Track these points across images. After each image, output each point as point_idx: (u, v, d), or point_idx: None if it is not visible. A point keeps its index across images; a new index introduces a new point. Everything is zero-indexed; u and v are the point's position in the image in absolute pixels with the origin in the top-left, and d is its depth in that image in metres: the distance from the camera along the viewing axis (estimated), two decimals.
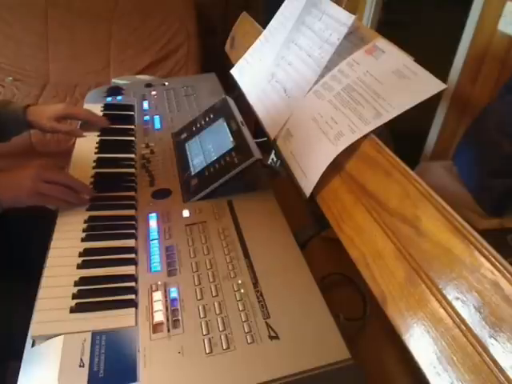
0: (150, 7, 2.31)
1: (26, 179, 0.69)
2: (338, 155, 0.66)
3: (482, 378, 0.40)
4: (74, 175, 0.78)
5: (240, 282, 0.59)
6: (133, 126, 1.00)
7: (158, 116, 1.03)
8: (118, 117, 1.01)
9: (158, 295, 0.57)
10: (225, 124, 0.85)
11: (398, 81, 0.65)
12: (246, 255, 0.63)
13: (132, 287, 0.59)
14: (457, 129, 1.54)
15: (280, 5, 1.03)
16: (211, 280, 0.59)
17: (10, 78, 2.19)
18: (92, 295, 0.58)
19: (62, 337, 0.52)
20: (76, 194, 0.73)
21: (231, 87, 1.13)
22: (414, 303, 0.48)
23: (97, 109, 1.03)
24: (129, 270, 0.62)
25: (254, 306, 0.55)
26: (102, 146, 0.91)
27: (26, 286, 0.62)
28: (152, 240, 0.66)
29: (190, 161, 0.84)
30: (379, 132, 0.63)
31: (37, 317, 0.55)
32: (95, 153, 0.88)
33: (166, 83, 1.20)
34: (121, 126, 0.99)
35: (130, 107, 1.07)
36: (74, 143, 0.93)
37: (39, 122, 0.91)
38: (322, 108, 0.74)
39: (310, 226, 0.73)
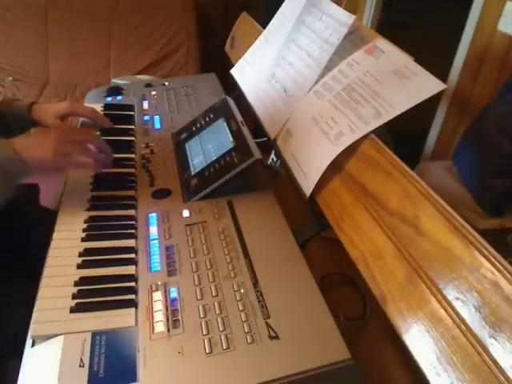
0: (150, 7, 2.31)
1: (50, 140, 0.68)
2: (338, 155, 0.66)
3: (482, 378, 0.40)
4: (73, 175, 0.78)
5: (240, 282, 0.59)
6: (133, 126, 1.00)
7: (157, 116, 1.03)
8: (118, 117, 1.01)
9: (157, 295, 0.57)
10: (225, 124, 0.85)
11: (398, 81, 0.65)
12: (246, 255, 0.63)
13: (132, 287, 0.59)
14: (457, 129, 1.54)
15: (280, 5, 1.03)
16: (211, 280, 0.59)
17: (10, 78, 2.19)
18: (92, 295, 0.58)
19: (62, 337, 0.52)
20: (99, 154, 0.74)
21: (231, 87, 1.13)
22: (413, 303, 0.48)
23: (97, 109, 1.02)
24: (129, 270, 0.62)
25: (253, 305, 0.55)
26: None
27: (26, 285, 0.62)
28: (152, 240, 0.66)
29: (189, 161, 0.84)
30: (379, 132, 0.64)
31: (37, 317, 0.55)
32: None
33: (166, 83, 1.20)
34: (121, 125, 0.99)
35: (130, 107, 1.07)
36: None
37: (43, 120, 0.91)
38: (322, 108, 0.74)
39: (310, 226, 0.73)
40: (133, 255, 0.64)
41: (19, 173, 0.67)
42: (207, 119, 0.91)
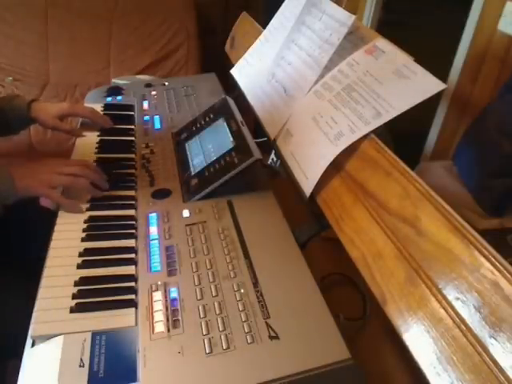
0: (150, 7, 2.31)
1: (45, 172, 0.72)
2: (338, 155, 0.66)
3: (482, 378, 0.40)
4: None
5: (240, 282, 0.59)
6: (133, 126, 1.00)
7: (157, 116, 1.03)
8: (118, 117, 1.01)
9: (158, 295, 0.57)
10: (225, 124, 0.85)
11: (398, 81, 0.65)
12: (246, 255, 0.63)
13: (132, 287, 0.59)
14: (457, 129, 1.54)
15: (280, 5, 1.03)
16: (211, 280, 0.59)
17: (10, 78, 2.19)
18: (92, 295, 0.58)
19: (62, 337, 0.52)
20: (90, 184, 0.75)
21: (231, 87, 1.13)
22: (413, 303, 0.48)
23: (97, 109, 1.02)
24: (129, 270, 0.62)
25: (253, 306, 0.55)
26: (102, 146, 0.91)
27: (26, 285, 0.62)
28: (152, 240, 0.66)
29: (189, 161, 0.84)
30: (379, 132, 0.64)
31: (37, 317, 0.55)
32: (95, 153, 0.88)
33: (166, 83, 1.20)
34: (121, 126, 0.99)
35: (130, 107, 1.07)
36: (74, 143, 0.93)
37: (43, 119, 0.91)
38: (322, 108, 0.74)
39: (310, 226, 0.73)
40: (133, 255, 0.64)
41: (7, 197, 0.70)
42: (207, 119, 0.91)
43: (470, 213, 1.10)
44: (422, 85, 0.62)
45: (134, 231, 0.69)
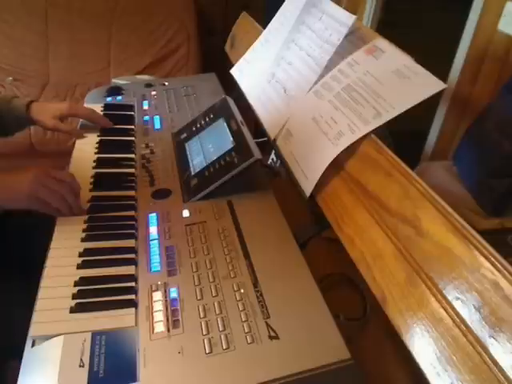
0: (150, 7, 2.31)
1: (24, 182, 0.68)
2: (338, 155, 0.66)
3: (482, 378, 0.40)
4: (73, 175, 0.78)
5: (240, 282, 0.59)
6: (133, 126, 1.00)
7: (158, 116, 1.03)
8: (118, 117, 1.01)
9: (157, 295, 0.57)
10: (225, 124, 0.85)
11: (398, 81, 0.65)
12: (246, 255, 0.63)
13: (132, 287, 0.59)
14: (457, 129, 1.54)
15: (280, 5, 1.03)
16: (211, 280, 0.59)
17: (10, 78, 2.19)
18: (92, 295, 0.58)
19: (62, 337, 0.52)
20: (70, 206, 0.71)
21: (231, 87, 1.13)
22: (414, 303, 0.48)
23: (97, 109, 1.02)
24: (129, 270, 0.62)
25: (253, 306, 0.55)
26: (102, 146, 0.91)
27: (26, 285, 0.62)
28: (152, 240, 0.66)
29: (190, 161, 0.84)
30: (379, 132, 0.64)
31: (37, 317, 0.55)
32: (95, 153, 0.88)
33: (166, 83, 1.20)
34: (121, 126, 0.99)
35: (130, 107, 1.07)
36: (74, 143, 0.93)
37: (42, 120, 0.91)
38: (322, 108, 0.74)
39: (310, 226, 0.73)
40: (133, 255, 0.64)
41: None
42: (207, 119, 0.91)
43: (470, 213, 1.10)
44: (422, 85, 0.62)
45: (133, 231, 0.69)
